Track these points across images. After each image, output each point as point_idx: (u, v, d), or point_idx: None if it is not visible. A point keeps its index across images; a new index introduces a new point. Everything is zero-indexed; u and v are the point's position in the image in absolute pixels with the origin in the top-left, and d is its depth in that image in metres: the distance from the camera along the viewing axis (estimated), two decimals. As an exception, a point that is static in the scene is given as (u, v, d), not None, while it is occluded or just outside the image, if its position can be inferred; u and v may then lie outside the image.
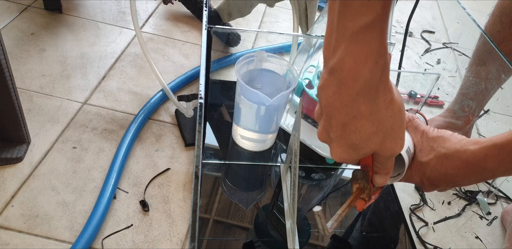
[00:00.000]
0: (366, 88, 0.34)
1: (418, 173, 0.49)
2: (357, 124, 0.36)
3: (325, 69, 0.36)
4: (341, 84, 0.35)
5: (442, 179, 0.47)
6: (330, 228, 0.42)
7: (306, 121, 0.90)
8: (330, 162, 0.86)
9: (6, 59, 0.69)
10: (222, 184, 0.81)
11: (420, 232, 0.84)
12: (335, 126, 0.38)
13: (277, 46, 1.20)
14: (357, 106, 0.35)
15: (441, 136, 0.48)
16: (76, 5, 1.22)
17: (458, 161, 0.45)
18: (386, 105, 0.36)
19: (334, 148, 0.40)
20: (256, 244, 0.72)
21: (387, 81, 0.35)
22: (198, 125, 0.51)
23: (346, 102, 0.36)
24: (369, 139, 0.37)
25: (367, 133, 0.37)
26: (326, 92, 0.36)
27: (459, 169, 0.45)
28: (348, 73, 0.34)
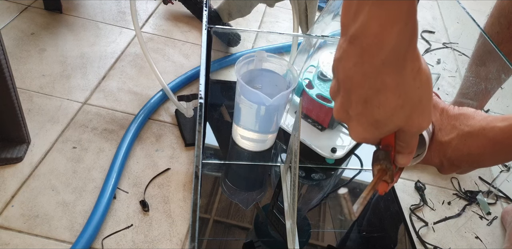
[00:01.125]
0: (392, 56, 0.30)
1: (438, 154, 0.45)
2: (381, 98, 0.32)
3: (343, 38, 0.32)
4: (364, 53, 0.31)
5: (464, 159, 0.43)
6: (356, 212, 0.39)
7: (306, 121, 0.90)
8: (330, 162, 0.86)
9: (6, 59, 0.69)
10: (222, 184, 0.81)
11: (420, 232, 0.84)
12: (356, 102, 0.34)
13: (277, 46, 1.20)
14: (382, 78, 0.31)
15: (463, 113, 0.44)
16: (76, 5, 1.22)
17: (484, 140, 0.41)
18: (413, 75, 0.32)
19: (354, 126, 0.36)
20: (256, 244, 0.72)
21: (415, 47, 0.31)
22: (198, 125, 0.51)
23: (369, 73, 0.31)
24: (394, 115, 0.33)
25: (392, 107, 0.33)
26: (345, 64, 0.32)
27: (485, 148, 0.41)
28: (372, 40, 0.30)
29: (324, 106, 0.82)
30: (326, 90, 0.84)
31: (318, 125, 0.89)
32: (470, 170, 0.47)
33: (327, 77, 0.82)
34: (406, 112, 0.33)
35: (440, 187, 0.94)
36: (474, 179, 0.98)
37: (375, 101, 0.33)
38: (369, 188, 0.40)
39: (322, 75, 0.85)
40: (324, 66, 0.80)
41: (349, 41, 0.31)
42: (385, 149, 0.40)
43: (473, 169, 0.46)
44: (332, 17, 0.85)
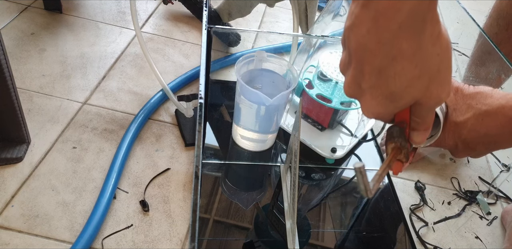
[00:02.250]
0: (411, 18, 0.27)
1: (453, 135, 0.43)
2: (397, 67, 0.29)
3: (355, 3, 0.29)
4: (379, 16, 0.28)
5: (480, 141, 0.41)
6: (372, 189, 0.35)
7: (306, 121, 0.90)
8: (330, 162, 0.86)
9: (6, 59, 0.69)
10: (222, 184, 0.81)
11: (420, 232, 0.84)
12: (369, 74, 0.31)
13: (277, 46, 1.20)
14: (398, 44, 0.28)
15: (480, 91, 0.41)
16: (76, 5, 1.22)
17: (504, 118, 0.39)
18: (433, 40, 0.29)
19: (367, 101, 0.32)
20: (256, 244, 0.72)
21: (435, 9, 0.28)
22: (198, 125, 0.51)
23: (384, 39, 0.28)
24: (411, 86, 0.30)
25: (408, 77, 0.30)
26: (357, 31, 0.29)
27: (504, 128, 0.39)
28: (388, 1, 0.27)
29: (324, 106, 0.82)
30: (326, 90, 0.84)
31: (318, 125, 0.89)
32: (486, 153, 0.44)
33: (327, 77, 0.82)
34: (424, 82, 0.30)
35: (440, 187, 0.94)
36: (474, 179, 0.98)
37: (390, 71, 0.30)
38: (384, 166, 0.37)
39: (322, 75, 0.85)
40: (324, 66, 0.80)
41: (362, 5, 0.28)
42: (399, 125, 0.37)
43: (489, 151, 0.44)
44: (332, 17, 0.84)
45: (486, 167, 1.02)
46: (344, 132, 0.90)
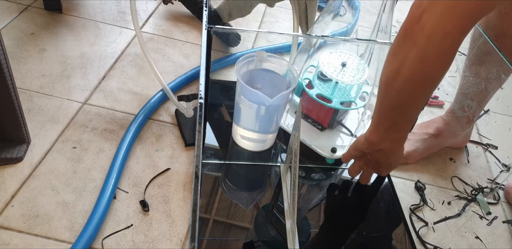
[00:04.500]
0: (399, 155, 0.72)
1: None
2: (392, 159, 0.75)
3: (374, 147, 0.69)
4: (388, 155, 0.71)
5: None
6: None
7: (306, 121, 0.90)
8: (330, 162, 0.86)
9: (6, 59, 0.69)
10: (222, 184, 0.81)
11: (420, 232, 0.84)
12: (384, 164, 0.75)
13: (277, 46, 1.20)
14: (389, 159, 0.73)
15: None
16: (76, 5, 1.22)
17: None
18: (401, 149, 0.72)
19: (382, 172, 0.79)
20: (256, 244, 0.72)
21: (403, 147, 0.71)
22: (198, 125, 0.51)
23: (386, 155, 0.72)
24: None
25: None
26: (380, 155, 0.72)
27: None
28: (390, 151, 0.69)
29: (324, 106, 0.82)
30: (326, 90, 0.84)
31: (318, 125, 0.89)
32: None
33: (327, 77, 0.82)
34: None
35: (440, 187, 0.94)
36: (475, 179, 0.98)
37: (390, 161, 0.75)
38: None
39: (322, 75, 0.85)
40: (324, 66, 0.80)
41: (378, 150, 0.70)
42: None
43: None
44: (332, 17, 0.84)
45: (486, 167, 1.02)
46: (344, 132, 0.90)
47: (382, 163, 0.73)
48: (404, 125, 0.65)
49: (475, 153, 1.05)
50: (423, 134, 0.98)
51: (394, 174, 0.94)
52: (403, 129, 0.66)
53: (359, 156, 0.75)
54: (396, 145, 0.68)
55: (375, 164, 0.75)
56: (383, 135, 0.66)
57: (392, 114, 0.63)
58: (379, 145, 0.68)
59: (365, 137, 0.69)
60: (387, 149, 0.68)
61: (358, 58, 0.83)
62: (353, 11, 1.35)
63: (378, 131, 0.66)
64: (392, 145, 0.68)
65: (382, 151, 0.69)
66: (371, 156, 0.73)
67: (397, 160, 0.73)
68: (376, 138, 0.67)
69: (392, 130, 0.65)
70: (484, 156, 1.05)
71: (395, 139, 0.67)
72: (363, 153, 0.73)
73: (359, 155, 0.74)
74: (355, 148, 0.73)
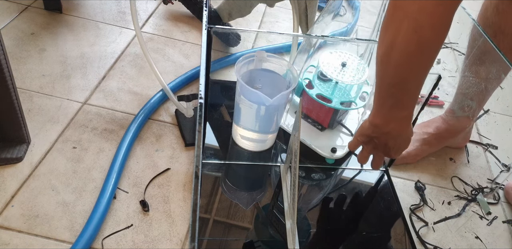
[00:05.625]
0: (408, 135, 0.69)
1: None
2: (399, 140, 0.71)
3: (380, 130, 0.66)
4: (396, 136, 0.68)
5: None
6: None
7: (306, 121, 0.90)
8: (330, 162, 0.86)
9: (6, 59, 0.69)
10: (222, 184, 0.81)
11: (420, 232, 0.84)
12: (392, 146, 0.72)
13: (277, 46, 1.20)
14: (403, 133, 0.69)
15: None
16: (76, 5, 1.22)
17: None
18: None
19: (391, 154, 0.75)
20: (256, 244, 0.72)
21: (410, 126, 0.68)
22: (198, 125, 0.51)
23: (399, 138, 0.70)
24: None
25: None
26: (388, 138, 0.69)
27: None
28: (398, 132, 0.66)
29: (324, 106, 0.82)
30: (326, 90, 0.84)
31: (318, 125, 0.89)
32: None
33: (327, 77, 0.82)
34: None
35: (440, 187, 0.94)
36: (475, 179, 0.98)
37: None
38: None
39: (322, 75, 0.85)
40: (324, 66, 0.80)
41: (385, 133, 0.67)
42: None
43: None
44: (332, 17, 0.85)
45: (486, 167, 1.02)
46: (344, 132, 0.90)
47: (391, 146, 0.70)
48: (408, 102, 0.62)
49: (475, 153, 1.05)
50: (423, 134, 0.98)
51: (394, 174, 0.94)
52: (408, 106, 0.62)
53: (366, 142, 0.73)
54: (403, 124, 0.65)
55: (384, 148, 0.72)
56: (387, 116, 0.64)
57: (393, 92, 0.60)
58: (385, 127, 0.65)
59: (369, 121, 0.67)
60: (394, 130, 0.65)
61: (358, 58, 0.83)
62: (353, 11, 1.35)
63: (381, 112, 0.64)
64: (398, 125, 0.65)
65: (389, 133, 0.66)
66: (378, 140, 0.70)
67: (406, 141, 0.70)
68: (381, 120, 0.64)
69: (396, 109, 0.62)
70: (484, 156, 1.05)
71: (400, 118, 0.64)
72: (370, 138, 0.71)
73: (366, 140, 0.72)
74: (361, 134, 0.71)
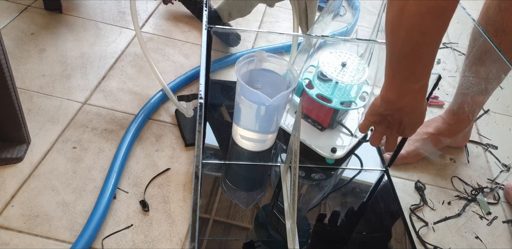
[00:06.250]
0: (423, 110, 0.64)
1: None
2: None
3: (393, 106, 0.62)
4: (411, 112, 0.63)
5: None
6: None
7: (306, 121, 0.90)
8: (330, 162, 0.86)
9: (6, 59, 0.69)
10: (222, 184, 0.81)
11: (420, 232, 0.84)
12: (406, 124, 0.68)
13: (277, 46, 1.20)
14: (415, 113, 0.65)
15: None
16: (76, 5, 1.22)
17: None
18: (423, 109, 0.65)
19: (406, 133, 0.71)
20: (256, 244, 0.72)
21: (425, 99, 0.63)
22: (198, 125, 0.51)
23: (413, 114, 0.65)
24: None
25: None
26: (403, 114, 0.64)
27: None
28: (412, 107, 0.62)
29: (324, 106, 0.82)
30: (326, 90, 0.84)
31: (318, 125, 0.89)
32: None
33: (327, 77, 0.82)
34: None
35: (440, 187, 0.94)
36: (475, 179, 0.98)
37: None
38: None
39: (322, 75, 0.85)
40: (324, 66, 0.80)
41: (397, 109, 0.63)
42: None
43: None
44: (332, 17, 0.84)
45: (486, 167, 1.02)
46: (344, 132, 0.90)
47: (406, 124, 0.66)
48: (422, 72, 0.58)
49: (475, 153, 1.05)
50: (423, 134, 0.98)
51: (394, 174, 0.94)
52: (422, 77, 0.59)
53: (378, 122, 0.69)
54: (417, 97, 0.61)
55: (398, 126, 0.67)
56: (400, 89, 0.60)
57: (406, 63, 0.56)
58: (399, 102, 0.61)
59: (381, 97, 0.63)
60: (409, 105, 0.61)
61: (358, 58, 0.83)
62: (353, 11, 1.35)
63: (394, 86, 0.60)
64: (413, 98, 0.60)
65: (403, 109, 0.62)
66: (392, 118, 0.66)
67: (421, 116, 0.65)
68: (394, 95, 0.60)
69: (409, 81, 0.58)
70: (484, 156, 1.05)
71: (415, 90, 0.60)
72: (383, 117, 0.67)
73: (378, 120, 0.68)
74: (372, 113, 0.67)
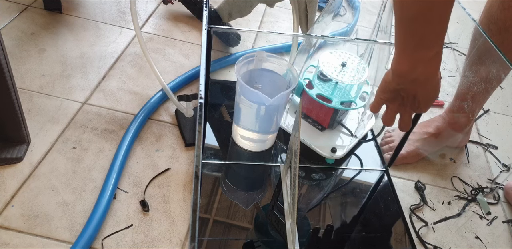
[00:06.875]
0: (437, 81, 0.61)
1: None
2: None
3: (406, 78, 0.59)
4: (425, 84, 0.60)
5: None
6: None
7: (306, 121, 0.90)
8: (330, 162, 0.86)
9: (6, 59, 0.69)
10: (222, 184, 0.81)
11: (420, 232, 0.84)
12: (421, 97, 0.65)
13: (277, 46, 1.20)
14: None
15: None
16: (76, 5, 1.22)
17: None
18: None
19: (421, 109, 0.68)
20: (256, 244, 0.72)
21: (439, 70, 0.60)
22: (198, 125, 0.51)
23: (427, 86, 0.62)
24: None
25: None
26: (417, 87, 0.61)
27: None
28: (426, 77, 0.59)
29: (324, 106, 0.82)
30: (326, 90, 0.84)
31: (318, 125, 0.89)
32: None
33: (327, 77, 0.82)
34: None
35: (440, 187, 0.94)
36: (475, 179, 0.98)
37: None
38: None
39: (322, 75, 0.85)
40: (324, 66, 0.80)
41: (411, 81, 0.59)
42: None
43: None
44: (332, 17, 0.84)
45: (486, 167, 1.02)
46: (344, 132, 0.90)
47: (420, 98, 0.63)
48: (434, 38, 0.55)
49: (475, 153, 1.05)
50: (423, 134, 0.98)
51: (394, 174, 0.94)
52: (434, 44, 0.55)
53: (391, 99, 0.66)
54: (431, 67, 0.58)
55: (412, 101, 0.64)
56: (412, 59, 0.57)
57: (417, 27, 0.54)
58: (412, 73, 0.58)
59: (393, 71, 0.61)
60: (422, 76, 0.58)
61: (358, 58, 0.83)
62: (353, 11, 1.35)
63: (405, 56, 0.57)
64: (426, 69, 0.57)
65: (417, 80, 0.59)
66: (405, 92, 0.63)
67: (436, 89, 0.62)
68: (406, 65, 0.58)
69: (422, 48, 0.56)
70: (484, 156, 1.05)
71: (428, 58, 0.56)
72: (395, 93, 0.64)
73: (390, 97, 0.65)
74: (384, 90, 0.64)
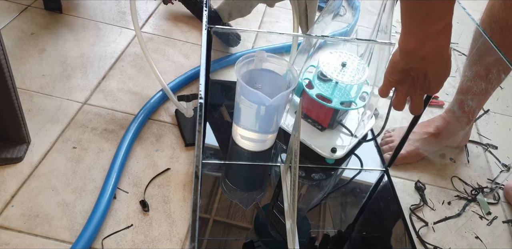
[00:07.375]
0: (448, 57, 0.58)
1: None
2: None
3: (415, 56, 0.57)
4: (435, 61, 0.57)
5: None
6: None
7: (306, 121, 0.90)
8: (330, 162, 0.86)
9: (6, 59, 0.69)
10: (222, 184, 0.81)
11: (420, 232, 0.84)
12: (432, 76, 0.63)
13: (277, 46, 1.20)
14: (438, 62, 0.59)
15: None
16: (76, 5, 1.22)
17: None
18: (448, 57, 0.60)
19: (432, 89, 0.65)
20: (256, 244, 0.72)
21: (449, 44, 0.57)
22: (198, 125, 0.51)
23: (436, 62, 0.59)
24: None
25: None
26: (427, 65, 0.58)
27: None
28: (437, 53, 0.56)
29: (324, 106, 0.82)
30: (326, 90, 0.84)
31: (318, 125, 0.89)
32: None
33: (327, 77, 0.82)
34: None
35: (440, 187, 0.94)
36: (475, 179, 0.98)
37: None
38: None
39: (322, 75, 0.85)
40: (324, 66, 0.80)
41: (421, 58, 0.57)
42: None
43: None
44: (332, 17, 0.84)
45: (486, 167, 1.02)
46: (344, 132, 0.90)
47: (431, 76, 0.60)
48: (441, 10, 0.52)
49: (475, 153, 1.05)
50: (423, 134, 0.98)
51: (394, 174, 0.94)
52: (442, 14, 0.53)
53: (400, 81, 0.64)
54: (440, 42, 0.55)
55: (423, 81, 0.62)
56: (420, 34, 0.54)
57: (421, 1, 0.51)
58: (421, 50, 0.55)
59: (400, 49, 0.58)
60: (432, 52, 0.56)
61: (358, 58, 0.83)
62: (353, 11, 1.35)
63: (413, 32, 0.55)
64: (436, 44, 0.55)
65: (427, 57, 0.56)
66: (415, 71, 0.60)
67: (447, 65, 0.60)
68: (414, 41, 0.55)
69: (429, 21, 0.53)
70: (484, 156, 1.05)
71: (436, 32, 0.53)
72: (405, 73, 0.62)
73: (400, 78, 0.63)
74: (393, 71, 0.62)
